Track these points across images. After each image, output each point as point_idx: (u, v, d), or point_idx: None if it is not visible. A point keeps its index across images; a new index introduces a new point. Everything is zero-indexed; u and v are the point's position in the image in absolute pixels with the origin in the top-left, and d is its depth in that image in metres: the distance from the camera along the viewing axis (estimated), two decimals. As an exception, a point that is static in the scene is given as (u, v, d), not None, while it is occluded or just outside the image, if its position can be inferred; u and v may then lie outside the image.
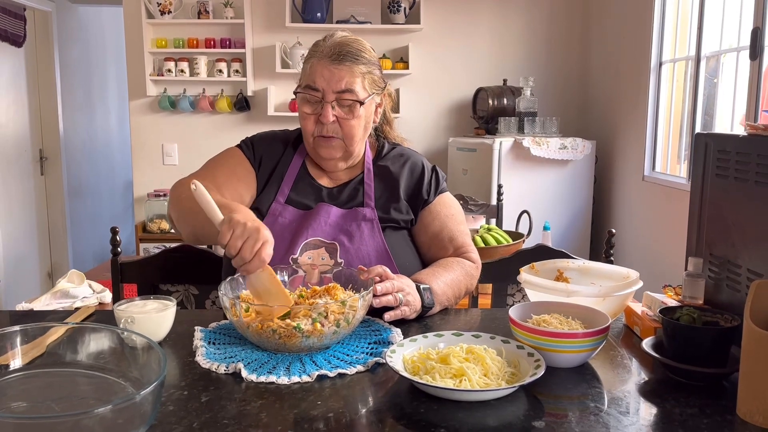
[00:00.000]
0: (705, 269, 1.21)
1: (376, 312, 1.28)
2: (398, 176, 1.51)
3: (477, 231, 2.46)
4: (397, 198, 1.49)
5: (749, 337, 0.88)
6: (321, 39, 1.45)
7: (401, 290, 1.25)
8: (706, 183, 1.21)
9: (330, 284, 1.21)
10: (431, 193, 1.52)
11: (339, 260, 1.40)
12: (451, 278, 1.40)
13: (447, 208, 1.53)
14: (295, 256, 1.38)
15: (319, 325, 1.07)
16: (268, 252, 1.10)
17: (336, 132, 1.43)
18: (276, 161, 1.51)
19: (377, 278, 1.24)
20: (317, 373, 1.01)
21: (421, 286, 1.30)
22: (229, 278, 1.22)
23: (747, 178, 1.09)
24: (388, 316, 1.24)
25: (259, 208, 1.46)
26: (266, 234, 1.10)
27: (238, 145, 1.53)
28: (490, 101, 4.03)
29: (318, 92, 1.40)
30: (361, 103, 1.42)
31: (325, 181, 1.51)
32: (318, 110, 1.42)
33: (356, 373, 1.04)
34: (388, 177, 1.51)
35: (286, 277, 1.29)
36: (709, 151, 1.20)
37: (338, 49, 1.40)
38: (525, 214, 2.80)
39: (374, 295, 1.20)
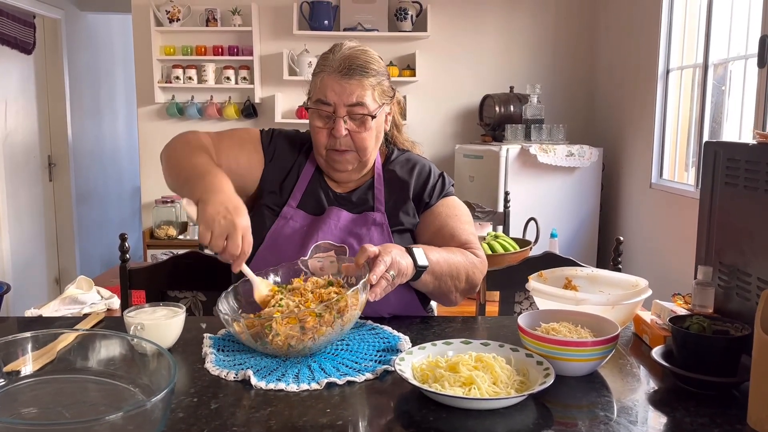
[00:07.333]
0: (715, 278, 1.20)
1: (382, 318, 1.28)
2: (406, 180, 1.51)
3: (484, 238, 2.46)
4: (406, 201, 1.49)
5: (760, 346, 0.88)
6: (329, 52, 1.45)
7: (391, 265, 1.21)
8: (716, 191, 1.21)
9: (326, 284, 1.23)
10: (434, 196, 1.51)
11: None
12: (449, 256, 1.38)
13: (450, 209, 1.52)
14: (305, 259, 1.39)
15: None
16: (249, 240, 1.17)
17: (349, 145, 1.43)
18: (291, 163, 1.51)
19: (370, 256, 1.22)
20: (326, 380, 1.02)
21: (412, 248, 1.29)
22: (231, 287, 1.26)
23: (757, 186, 1.08)
24: (374, 293, 1.18)
25: (269, 205, 1.47)
26: (243, 223, 1.16)
27: (259, 130, 1.56)
28: (497, 108, 4.04)
29: (329, 106, 1.41)
30: (373, 117, 1.42)
31: (335, 187, 1.52)
32: (330, 124, 1.42)
33: (365, 380, 1.04)
34: (396, 181, 1.52)
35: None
36: (718, 159, 1.20)
37: (348, 63, 1.40)
38: (532, 222, 2.80)
39: (371, 285, 1.18)
